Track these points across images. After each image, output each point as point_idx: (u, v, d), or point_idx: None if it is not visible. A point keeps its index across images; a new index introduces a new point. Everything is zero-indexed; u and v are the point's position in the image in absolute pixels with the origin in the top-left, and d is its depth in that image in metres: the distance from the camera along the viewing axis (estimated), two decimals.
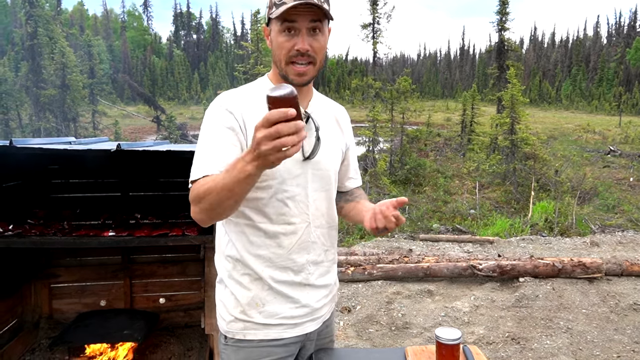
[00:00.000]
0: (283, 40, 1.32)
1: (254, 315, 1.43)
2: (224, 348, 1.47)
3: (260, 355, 1.44)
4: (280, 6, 1.28)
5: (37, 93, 21.60)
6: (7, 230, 2.86)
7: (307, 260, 1.47)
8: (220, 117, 1.34)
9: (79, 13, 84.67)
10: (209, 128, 1.34)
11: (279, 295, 1.44)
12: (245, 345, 1.44)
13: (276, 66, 1.40)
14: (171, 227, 3.04)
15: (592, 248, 6.96)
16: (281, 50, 1.33)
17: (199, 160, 1.29)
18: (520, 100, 16.34)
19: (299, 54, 1.32)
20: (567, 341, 3.98)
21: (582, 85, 69.87)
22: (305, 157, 1.41)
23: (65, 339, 3.20)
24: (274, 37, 1.35)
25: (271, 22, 1.35)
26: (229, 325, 1.45)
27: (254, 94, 1.42)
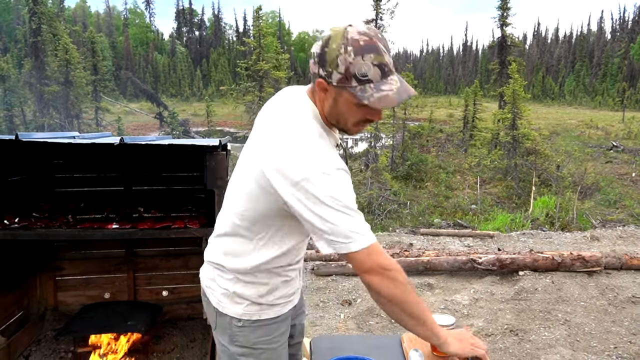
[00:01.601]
0: (356, 110, 1.29)
1: (269, 298, 1.55)
2: (240, 330, 1.55)
3: (273, 331, 1.57)
4: (367, 85, 1.21)
5: (40, 89, 21.70)
6: (13, 222, 2.92)
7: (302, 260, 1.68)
8: (348, 181, 1.32)
9: (82, 10, 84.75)
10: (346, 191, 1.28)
11: (287, 282, 1.59)
12: (261, 324, 1.55)
13: (334, 120, 1.35)
14: (174, 220, 3.10)
15: (593, 242, 6.99)
16: (353, 118, 1.32)
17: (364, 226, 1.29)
18: (521, 95, 16.34)
19: (370, 122, 1.35)
20: (564, 333, 4.02)
21: (585, 80, 69.57)
22: None
23: (71, 330, 3.26)
24: (344, 104, 1.29)
25: (344, 90, 1.25)
26: (246, 309, 1.53)
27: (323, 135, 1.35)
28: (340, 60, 1.21)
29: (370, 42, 1.21)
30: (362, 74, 1.20)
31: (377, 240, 1.32)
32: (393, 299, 1.32)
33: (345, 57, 1.20)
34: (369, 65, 1.20)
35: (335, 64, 1.22)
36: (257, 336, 1.55)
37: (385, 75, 1.23)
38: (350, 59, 1.20)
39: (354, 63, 1.20)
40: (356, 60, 1.20)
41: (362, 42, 1.20)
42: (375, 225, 10.51)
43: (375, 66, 1.21)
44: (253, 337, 1.55)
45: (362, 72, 1.20)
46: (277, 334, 1.59)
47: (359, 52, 1.20)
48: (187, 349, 3.66)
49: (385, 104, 1.23)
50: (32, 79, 22.39)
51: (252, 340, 1.55)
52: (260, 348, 1.56)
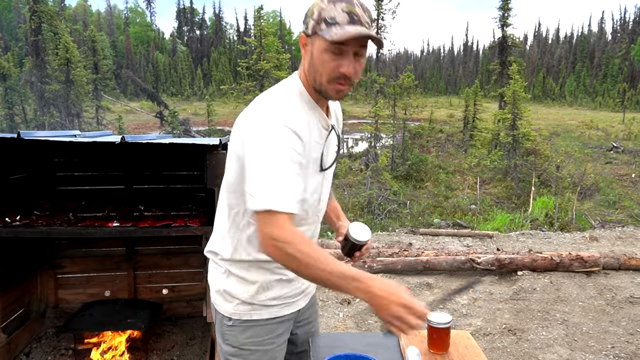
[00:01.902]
0: (328, 59, 1.29)
1: (261, 298, 1.52)
2: (229, 329, 1.54)
3: (266, 332, 1.54)
4: (333, 26, 1.25)
5: (41, 88, 21.73)
6: (14, 220, 2.95)
7: None
8: (288, 140, 1.28)
9: (83, 9, 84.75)
10: (277, 150, 1.26)
11: (283, 282, 1.55)
12: (252, 324, 1.52)
13: (312, 79, 1.37)
14: (174, 219, 3.12)
15: (592, 243, 7.01)
16: (325, 69, 1.31)
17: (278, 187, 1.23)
18: (522, 96, 16.36)
19: (343, 77, 1.32)
20: (562, 332, 4.04)
21: (586, 81, 69.56)
22: (323, 169, 1.47)
23: (71, 327, 3.29)
24: (316, 53, 1.31)
25: (315, 36, 1.30)
26: (236, 308, 1.52)
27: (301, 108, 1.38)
28: (315, 8, 1.29)
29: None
30: (331, 17, 1.26)
31: (288, 211, 1.23)
32: (296, 271, 1.28)
33: (320, 4, 1.28)
34: (338, 11, 1.25)
35: (312, 13, 1.30)
36: (246, 337, 1.53)
37: (353, 22, 1.25)
38: (323, 5, 1.27)
39: (325, 8, 1.27)
40: (328, 6, 1.26)
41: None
42: (375, 224, 10.53)
43: (345, 13, 1.26)
44: (242, 338, 1.53)
45: (331, 16, 1.26)
46: (270, 336, 1.55)
47: (332, 1, 1.27)
48: (186, 347, 3.68)
49: (343, 36, 1.23)
50: (32, 77, 22.41)
51: (240, 340, 1.53)
52: (248, 349, 1.53)
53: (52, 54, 22.22)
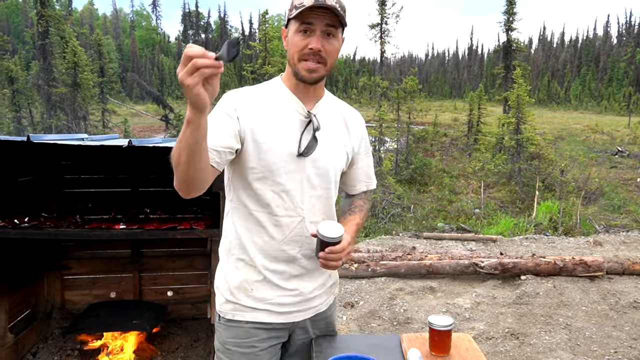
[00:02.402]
0: (298, 39, 1.39)
1: (241, 298, 1.53)
2: (218, 326, 1.60)
3: (247, 335, 1.54)
4: (300, 8, 1.36)
5: (48, 91, 21.90)
6: (23, 222, 2.99)
7: (299, 252, 1.53)
8: (220, 105, 1.44)
9: (89, 12, 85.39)
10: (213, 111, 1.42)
11: (268, 283, 1.52)
12: (234, 325, 1.54)
13: (289, 65, 1.47)
14: (179, 221, 3.16)
15: (596, 247, 7.00)
16: (295, 48, 1.41)
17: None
18: (526, 100, 16.34)
19: (312, 53, 1.39)
20: (565, 337, 4.05)
21: (591, 85, 69.33)
22: (300, 154, 1.46)
23: (77, 328, 3.33)
24: (290, 37, 1.42)
25: (290, 23, 1.42)
26: (222, 306, 1.57)
27: (263, 93, 1.51)
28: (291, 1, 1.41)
29: None
30: (299, 2, 1.36)
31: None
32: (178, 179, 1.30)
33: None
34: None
35: (288, 6, 1.43)
36: (229, 336, 1.55)
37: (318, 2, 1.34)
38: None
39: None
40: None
41: None
42: (378, 228, 10.54)
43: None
44: (225, 336, 1.55)
45: (299, 1, 1.37)
46: (250, 340, 1.53)
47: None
48: (191, 349, 3.71)
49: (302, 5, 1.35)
50: (39, 80, 22.60)
51: (223, 338, 1.56)
52: (228, 349, 1.55)
53: (59, 58, 22.40)
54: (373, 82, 20.25)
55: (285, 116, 1.48)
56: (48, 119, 21.60)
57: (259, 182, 1.46)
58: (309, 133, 1.49)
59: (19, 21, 67.24)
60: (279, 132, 1.45)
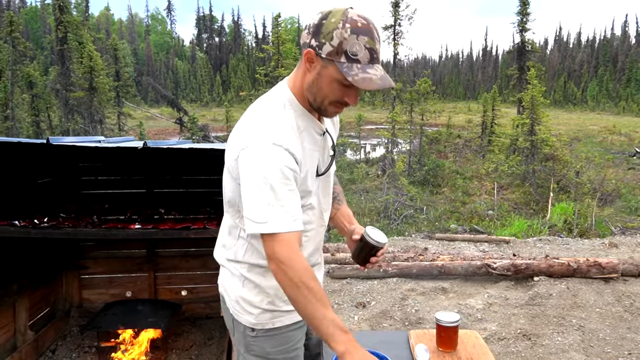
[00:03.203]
0: (337, 88, 1.31)
1: (280, 304, 1.51)
2: (254, 340, 1.52)
3: (289, 340, 1.55)
4: (354, 63, 1.25)
5: (66, 95, 22.34)
6: (42, 222, 3.08)
7: (318, 256, 1.63)
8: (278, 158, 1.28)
9: (105, 18, 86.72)
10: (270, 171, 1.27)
11: None
12: (276, 332, 1.52)
13: (312, 97, 1.37)
14: (193, 221, 3.22)
15: (611, 249, 6.92)
16: (331, 95, 1.33)
17: (273, 212, 1.26)
18: (540, 101, 16.19)
19: (345, 104, 1.36)
20: (578, 338, 4.02)
21: (609, 86, 68.22)
22: (319, 174, 1.47)
23: (95, 325, 3.42)
24: (326, 79, 1.31)
25: (330, 63, 1.28)
26: (258, 318, 1.50)
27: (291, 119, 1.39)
28: (335, 34, 1.24)
29: (368, 27, 1.26)
30: (352, 53, 1.24)
31: (291, 230, 1.27)
32: (286, 293, 1.30)
33: (342, 32, 1.24)
34: (361, 46, 1.25)
35: (330, 37, 1.25)
36: (272, 346, 1.52)
37: (373, 60, 1.27)
38: (345, 35, 1.24)
39: (348, 40, 1.24)
40: (351, 38, 1.24)
41: (360, 24, 1.25)
42: (391, 229, 10.55)
43: (367, 49, 1.25)
44: (268, 347, 1.52)
45: (353, 51, 1.24)
46: (292, 343, 1.55)
47: (355, 32, 1.24)
48: (204, 347, 3.78)
49: (367, 86, 1.26)
50: (58, 85, 23.05)
51: (267, 350, 1.52)
52: (274, 358, 1.53)
53: (77, 63, 22.83)
54: None
55: (309, 140, 1.41)
56: (66, 122, 22.02)
57: None
58: (326, 151, 1.49)
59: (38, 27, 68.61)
60: (308, 159, 1.41)
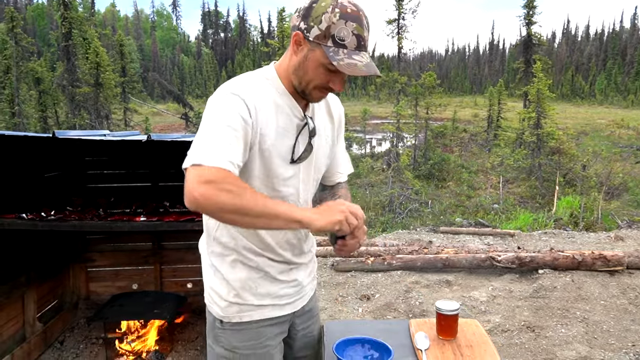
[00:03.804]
0: (322, 73, 1.30)
1: (248, 297, 1.47)
2: (222, 332, 1.50)
3: (259, 335, 1.51)
4: (340, 49, 1.25)
5: (72, 91, 22.49)
6: (49, 215, 3.13)
7: (293, 249, 1.54)
8: (233, 105, 1.27)
9: (111, 14, 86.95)
10: (222, 113, 1.26)
11: (269, 278, 1.50)
12: (243, 327, 1.49)
13: (297, 80, 1.36)
14: (197, 214, 3.25)
15: (617, 242, 6.89)
16: (316, 79, 1.32)
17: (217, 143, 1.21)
18: (546, 94, 16.10)
19: (330, 89, 1.35)
20: (582, 330, 4.03)
21: (617, 79, 67.60)
22: (293, 161, 1.41)
23: (102, 316, 3.47)
24: (311, 62, 1.30)
25: (317, 46, 1.27)
26: (225, 310, 1.48)
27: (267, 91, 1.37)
28: (324, 17, 1.24)
29: (357, 13, 1.25)
30: (340, 37, 1.24)
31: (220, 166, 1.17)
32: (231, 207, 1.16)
33: (331, 17, 1.23)
34: (349, 32, 1.24)
35: (319, 20, 1.24)
36: (239, 340, 1.48)
37: (360, 47, 1.26)
38: (334, 19, 1.23)
39: (336, 24, 1.23)
40: (339, 23, 1.23)
41: (349, 10, 1.24)
42: (395, 223, 10.56)
43: (355, 35, 1.25)
44: (234, 341, 1.48)
45: (340, 36, 1.24)
46: (263, 339, 1.51)
47: (344, 17, 1.24)
48: None
49: (351, 72, 1.25)
50: (64, 81, 23.21)
51: (233, 343, 1.49)
52: (241, 353, 1.49)
53: (82, 58, 22.97)
54: (391, 78, 20.18)
55: (284, 120, 1.38)
56: (72, 118, 22.17)
57: (260, 189, 1.38)
58: (304, 138, 1.43)
59: (45, 24, 68.96)
60: (279, 138, 1.36)
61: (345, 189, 1.71)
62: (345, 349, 1.60)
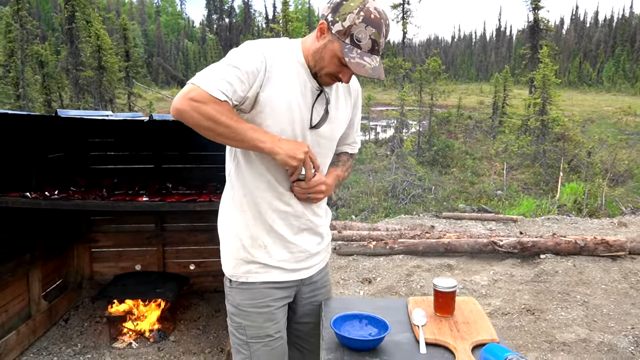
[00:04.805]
0: (335, 64, 1.43)
1: (258, 255, 1.58)
2: (230, 290, 1.64)
3: (263, 296, 1.61)
4: (355, 48, 1.38)
5: (76, 75, 22.45)
6: (53, 194, 3.15)
7: (304, 210, 1.63)
8: (252, 54, 1.42)
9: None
10: (237, 56, 1.41)
11: (277, 238, 1.60)
12: (249, 287, 1.60)
13: (313, 62, 1.48)
14: (199, 195, 3.27)
15: (620, 228, 6.88)
16: (329, 67, 1.45)
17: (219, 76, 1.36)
18: (552, 80, 15.93)
19: (339, 80, 1.49)
20: (582, 313, 4.04)
21: (625, 66, 66.72)
22: (312, 126, 1.55)
23: (105, 295, 3.51)
24: (328, 52, 1.42)
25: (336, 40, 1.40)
26: (234, 269, 1.61)
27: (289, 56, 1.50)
28: (349, 17, 1.37)
29: (379, 21, 1.38)
30: (357, 38, 1.37)
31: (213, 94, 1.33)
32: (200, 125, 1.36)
33: (354, 18, 1.36)
34: (366, 35, 1.37)
35: (344, 18, 1.38)
36: (243, 298, 1.60)
37: (373, 51, 1.40)
38: (357, 21, 1.36)
39: (357, 26, 1.36)
40: (360, 25, 1.36)
41: (372, 16, 1.37)
42: (398, 209, 10.57)
43: (371, 39, 1.38)
44: (238, 299, 1.60)
45: (358, 37, 1.37)
46: (266, 300, 1.60)
47: (366, 22, 1.36)
48: (212, 318, 3.86)
49: (358, 71, 1.39)
50: (68, 65, 23.16)
51: (237, 301, 1.61)
52: (244, 310, 1.60)
53: (85, 42, 22.88)
54: (395, 63, 20.02)
55: (301, 86, 1.50)
56: (76, 101, 22.18)
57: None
58: (321, 106, 1.55)
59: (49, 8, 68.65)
60: (295, 101, 1.49)
61: (348, 157, 1.84)
62: (343, 324, 1.62)
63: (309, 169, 1.50)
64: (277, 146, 1.42)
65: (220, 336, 3.60)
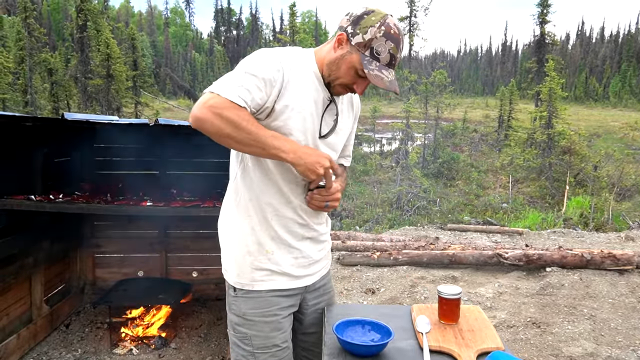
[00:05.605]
0: (352, 75, 1.46)
1: (264, 261, 1.56)
2: (234, 299, 1.60)
3: (270, 304, 1.58)
4: (374, 61, 1.42)
5: (84, 83, 22.68)
6: (57, 198, 3.16)
7: (310, 218, 1.63)
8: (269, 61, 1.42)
9: (125, 10, 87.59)
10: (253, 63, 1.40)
11: (282, 244, 1.58)
12: (254, 295, 1.57)
13: (327, 71, 1.50)
14: (203, 201, 3.26)
15: (627, 242, 6.80)
16: (344, 78, 1.48)
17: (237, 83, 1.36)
18: (558, 93, 15.90)
19: (352, 91, 1.52)
20: (589, 327, 3.98)
21: (632, 81, 66.59)
22: (321, 136, 1.57)
23: (107, 300, 3.49)
24: (345, 62, 1.45)
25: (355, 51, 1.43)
26: (239, 277, 1.58)
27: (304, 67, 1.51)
28: (370, 31, 1.41)
29: (397, 37, 1.44)
30: (377, 51, 1.42)
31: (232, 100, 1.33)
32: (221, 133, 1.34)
33: (376, 32, 1.41)
34: (386, 49, 1.42)
35: (365, 31, 1.42)
36: (249, 307, 1.57)
37: (390, 65, 1.45)
38: (378, 35, 1.41)
39: (378, 39, 1.41)
40: (380, 39, 1.42)
41: (392, 32, 1.42)
42: (403, 220, 10.52)
43: (389, 54, 1.43)
44: (244, 308, 1.57)
45: (378, 50, 1.42)
46: (273, 308, 1.58)
47: (386, 36, 1.42)
48: (213, 326, 3.84)
49: (376, 82, 1.43)
50: (77, 73, 23.41)
51: (243, 310, 1.57)
52: (250, 320, 1.57)
53: (95, 50, 23.15)
54: (401, 75, 20.09)
55: (314, 95, 1.52)
56: (84, 109, 22.37)
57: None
58: (330, 116, 1.58)
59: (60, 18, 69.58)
60: (309, 111, 1.50)
61: (343, 169, 1.86)
62: (346, 329, 1.59)
63: (329, 179, 1.50)
64: (299, 157, 1.41)
65: (221, 344, 3.57)
